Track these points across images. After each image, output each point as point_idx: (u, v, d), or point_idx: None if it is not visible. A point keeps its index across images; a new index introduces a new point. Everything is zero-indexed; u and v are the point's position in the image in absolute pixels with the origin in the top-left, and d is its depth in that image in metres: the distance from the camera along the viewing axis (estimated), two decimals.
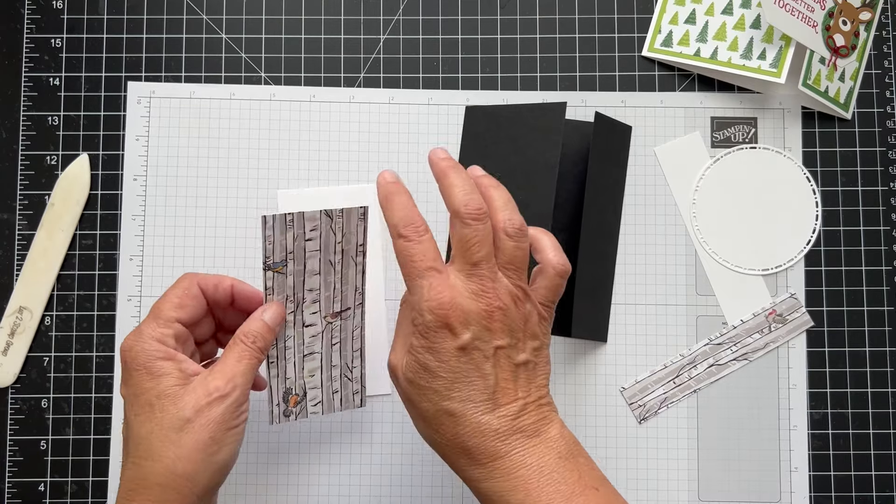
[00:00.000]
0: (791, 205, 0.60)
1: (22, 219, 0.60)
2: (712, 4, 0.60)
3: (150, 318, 0.48)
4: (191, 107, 0.60)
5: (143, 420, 0.45)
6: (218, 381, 0.46)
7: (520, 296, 0.45)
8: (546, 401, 0.45)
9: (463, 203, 0.44)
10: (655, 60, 0.61)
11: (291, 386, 0.52)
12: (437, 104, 0.61)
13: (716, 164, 0.60)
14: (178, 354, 0.47)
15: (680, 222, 0.60)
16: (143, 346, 0.46)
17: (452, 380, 0.43)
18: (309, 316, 0.51)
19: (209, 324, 0.52)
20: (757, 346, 0.59)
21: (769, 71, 0.57)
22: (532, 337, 0.45)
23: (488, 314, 0.44)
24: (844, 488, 0.58)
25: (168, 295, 0.49)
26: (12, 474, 0.58)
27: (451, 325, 0.43)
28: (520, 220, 0.46)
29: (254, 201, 0.60)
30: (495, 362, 0.44)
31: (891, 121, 0.61)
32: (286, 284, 0.50)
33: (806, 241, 0.59)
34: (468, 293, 0.44)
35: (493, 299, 0.44)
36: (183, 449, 0.44)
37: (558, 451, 0.44)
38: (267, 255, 0.48)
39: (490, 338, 0.44)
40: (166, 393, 0.45)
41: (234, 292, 0.51)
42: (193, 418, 0.45)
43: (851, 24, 0.59)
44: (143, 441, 0.45)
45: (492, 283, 0.44)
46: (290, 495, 0.58)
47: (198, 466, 0.44)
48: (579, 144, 0.59)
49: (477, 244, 0.44)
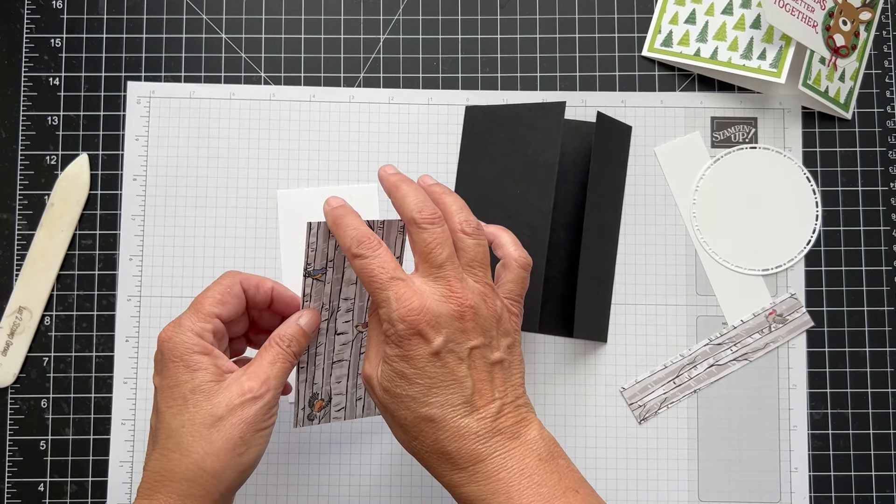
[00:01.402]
0: (791, 205, 0.60)
1: (21, 219, 0.60)
2: (712, 4, 0.60)
3: (190, 311, 0.48)
4: (191, 107, 0.60)
5: (176, 412, 0.45)
6: (252, 382, 0.46)
7: (488, 293, 0.45)
8: (523, 401, 0.46)
9: (417, 210, 0.45)
10: (655, 60, 0.61)
11: (318, 391, 0.52)
12: (437, 104, 0.61)
13: (716, 164, 0.60)
14: (215, 350, 0.47)
15: (680, 222, 0.60)
16: (182, 337, 0.46)
17: (429, 385, 0.43)
18: (342, 325, 0.51)
19: (244, 322, 0.52)
20: (757, 346, 0.59)
21: (769, 71, 0.57)
22: (504, 334, 0.46)
23: (459, 315, 0.44)
24: (844, 488, 0.58)
25: (210, 290, 0.49)
26: (12, 474, 0.58)
27: (422, 331, 0.43)
28: (475, 220, 0.46)
29: (254, 201, 0.60)
30: (470, 363, 0.44)
31: (891, 121, 0.61)
32: (323, 292, 0.50)
33: (806, 241, 0.59)
34: (437, 296, 0.44)
35: (463, 299, 0.44)
36: (213, 446, 0.44)
37: (538, 454, 0.44)
38: (308, 261, 0.48)
39: (464, 339, 0.44)
40: (201, 388, 0.45)
41: (273, 295, 0.51)
42: (226, 416, 0.45)
43: (851, 24, 0.59)
44: (173, 434, 0.45)
45: (459, 283, 0.44)
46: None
47: (225, 465, 0.45)
48: (579, 144, 0.59)
49: (437, 246, 0.44)
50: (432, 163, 0.60)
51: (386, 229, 0.49)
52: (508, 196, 0.57)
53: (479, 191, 0.58)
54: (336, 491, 0.58)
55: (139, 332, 0.59)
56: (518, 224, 0.56)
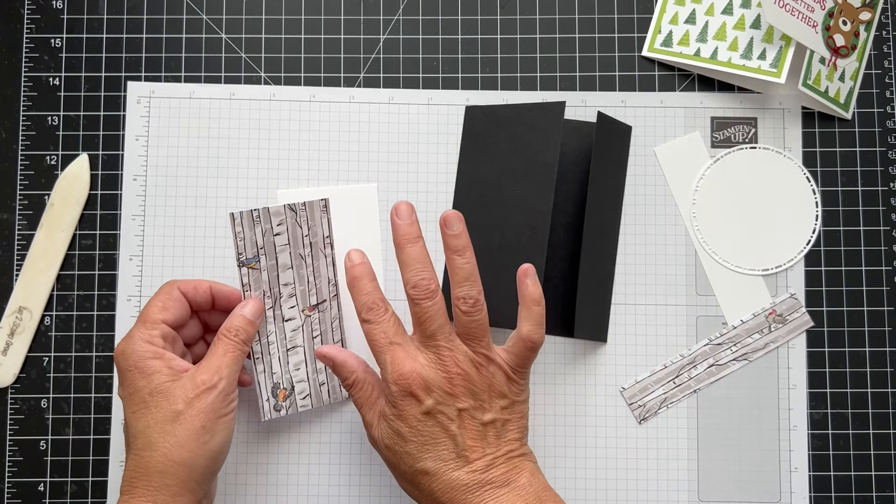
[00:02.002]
0: (791, 205, 0.60)
1: (22, 219, 0.60)
2: (712, 4, 0.60)
3: (138, 323, 0.51)
4: (191, 107, 0.60)
5: (140, 416, 0.48)
6: (204, 374, 0.49)
7: (481, 361, 0.49)
8: (517, 453, 0.49)
9: (411, 285, 0.49)
10: (655, 61, 0.61)
11: (279, 381, 0.54)
12: (437, 104, 0.61)
13: (716, 164, 0.60)
14: (167, 353, 0.50)
15: (680, 222, 0.60)
16: (133, 347, 0.50)
17: (423, 442, 0.48)
18: (287, 310, 0.54)
19: (196, 326, 0.55)
20: (757, 346, 0.59)
21: (769, 71, 0.57)
22: (500, 396, 0.49)
23: (448, 380, 0.48)
24: (844, 488, 0.58)
25: (152, 300, 0.52)
26: (12, 474, 0.58)
27: (414, 392, 0.48)
28: (475, 296, 0.49)
29: (254, 201, 0.60)
30: (460, 423, 0.48)
31: (891, 121, 0.61)
32: (261, 280, 0.53)
33: (806, 241, 0.59)
34: (427, 362, 0.48)
35: (452, 366, 0.48)
36: (178, 437, 0.47)
37: (526, 499, 0.47)
38: (239, 251, 0.52)
39: (452, 402, 0.48)
40: (158, 389, 0.48)
41: (213, 293, 0.54)
42: (185, 410, 0.48)
43: (851, 24, 0.59)
44: (140, 435, 0.48)
45: (449, 351, 0.48)
46: (285, 495, 0.58)
47: (193, 453, 0.47)
48: (579, 144, 0.59)
49: (428, 319, 0.49)
50: (432, 163, 0.60)
51: (308, 210, 0.52)
52: (508, 196, 0.57)
53: (479, 191, 0.58)
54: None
55: None
56: (518, 224, 0.56)
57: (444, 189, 0.60)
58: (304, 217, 0.53)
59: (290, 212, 0.53)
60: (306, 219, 0.53)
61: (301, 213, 0.53)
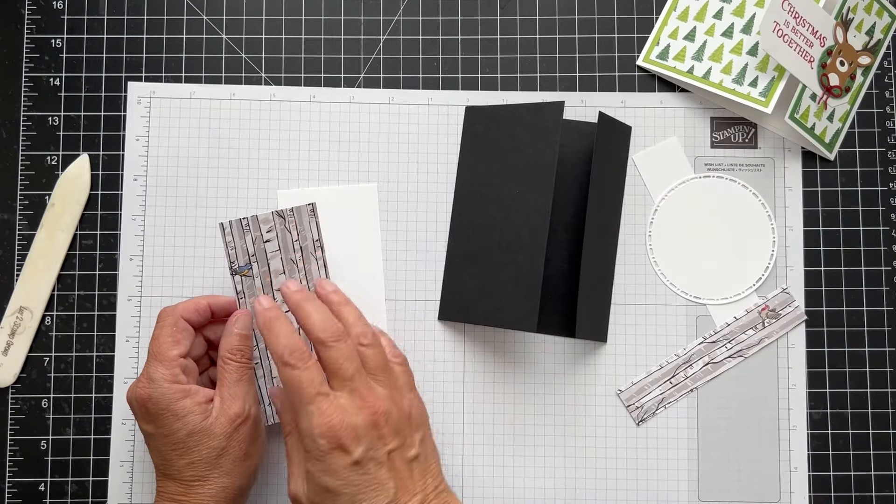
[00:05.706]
0: (748, 235, 0.59)
1: (22, 219, 0.60)
2: (714, 25, 0.60)
3: (153, 361, 0.51)
4: (191, 107, 0.61)
5: (181, 454, 0.50)
6: (234, 407, 0.50)
7: (394, 395, 0.49)
8: (443, 487, 0.50)
9: (322, 329, 0.48)
10: (649, 71, 0.61)
11: (279, 384, 0.54)
12: (437, 104, 0.61)
13: (671, 193, 0.59)
14: (192, 387, 0.51)
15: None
16: (161, 391, 0.50)
17: (354, 493, 0.46)
18: None
19: (201, 344, 0.55)
20: (751, 342, 0.59)
21: (758, 99, 0.57)
22: (416, 429, 0.50)
23: (374, 423, 0.47)
24: (844, 488, 0.58)
25: (160, 335, 0.52)
26: (12, 474, 0.58)
27: (343, 444, 0.46)
28: (371, 331, 0.50)
29: (254, 201, 0.60)
30: (390, 465, 0.47)
31: (891, 121, 0.61)
32: (255, 286, 0.53)
33: (757, 278, 0.59)
34: (353, 408, 0.47)
35: (375, 407, 0.47)
36: (225, 468, 0.50)
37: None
38: (231, 260, 0.53)
39: (381, 445, 0.47)
40: (195, 430, 0.50)
41: (211, 308, 0.54)
42: (227, 444, 0.50)
43: (849, 66, 0.59)
44: (186, 469, 0.50)
45: (369, 391, 0.48)
46: (285, 495, 0.58)
47: (241, 477, 0.51)
48: (579, 144, 0.59)
49: (345, 361, 0.48)
50: (432, 163, 0.60)
51: (297, 215, 0.53)
52: (508, 196, 0.57)
53: (478, 191, 0.59)
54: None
55: (140, 332, 0.59)
56: (517, 224, 0.56)
57: (444, 189, 0.60)
58: (293, 222, 0.54)
59: (278, 218, 0.54)
60: (295, 224, 0.54)
61: (290, 219, 0.54)
